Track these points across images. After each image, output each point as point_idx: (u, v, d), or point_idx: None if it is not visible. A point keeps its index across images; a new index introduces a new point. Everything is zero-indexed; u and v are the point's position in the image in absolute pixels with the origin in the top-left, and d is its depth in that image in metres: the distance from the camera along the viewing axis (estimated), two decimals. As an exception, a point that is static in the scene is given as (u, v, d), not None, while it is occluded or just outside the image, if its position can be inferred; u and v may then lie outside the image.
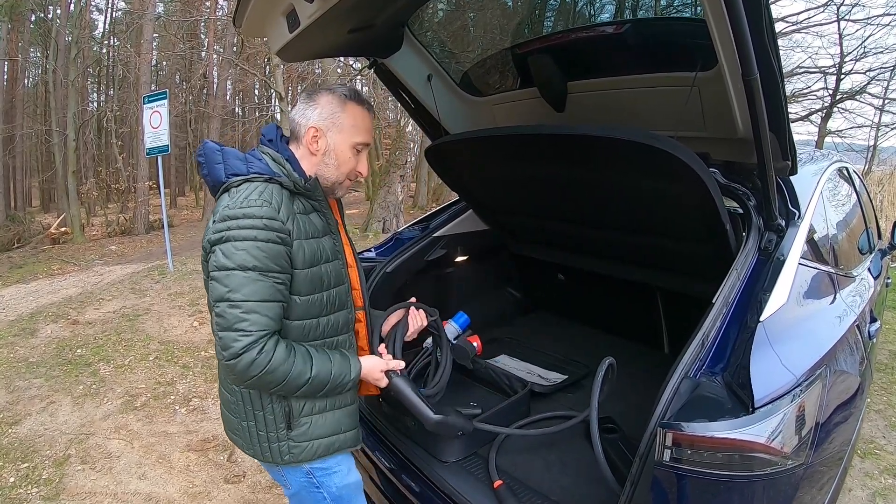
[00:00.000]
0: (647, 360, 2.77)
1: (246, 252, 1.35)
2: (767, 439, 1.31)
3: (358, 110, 1.58)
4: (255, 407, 1.57)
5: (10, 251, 15.33)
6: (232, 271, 1.35)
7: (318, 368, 1.47)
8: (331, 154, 1.57)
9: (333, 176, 1.59)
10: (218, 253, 1.37)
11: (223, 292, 1.35)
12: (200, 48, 22.87)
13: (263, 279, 1.37)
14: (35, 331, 6.00)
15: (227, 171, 1.49)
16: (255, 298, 1.36)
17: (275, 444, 1.58)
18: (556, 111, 2.27)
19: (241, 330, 1.34)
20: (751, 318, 1.51)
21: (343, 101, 1.56)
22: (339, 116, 1.55)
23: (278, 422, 1.56)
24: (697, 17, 1.72)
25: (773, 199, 1.65)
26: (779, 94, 1.44)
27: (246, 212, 1.37)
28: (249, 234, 1.36)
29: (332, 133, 1.56)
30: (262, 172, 1.47)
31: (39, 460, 3.47)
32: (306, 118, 1.56)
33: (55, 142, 19.29)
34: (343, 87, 1.60)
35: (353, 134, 1.57)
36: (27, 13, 21.27)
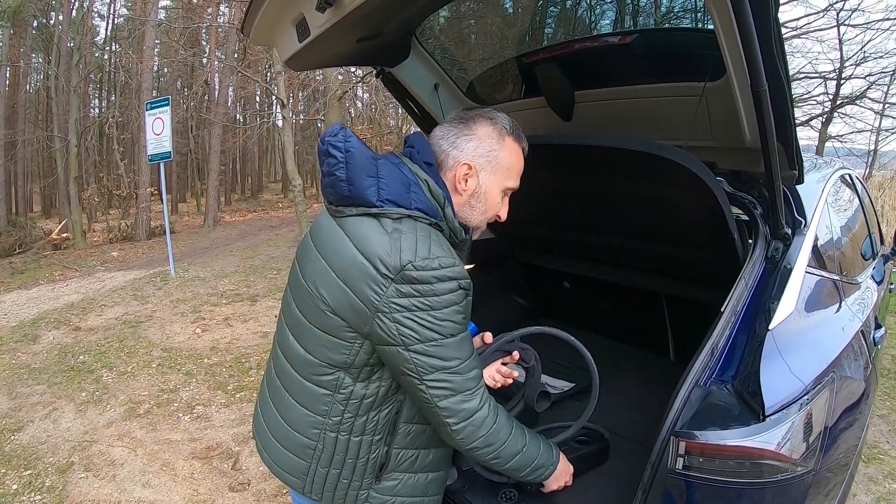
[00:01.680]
0: (653, 367, 2.77)
1: (450, 321, 1.19)
2: (778, 446, 1.33)
3: (515, 149, 1.39)
4: (350, 455, 1.36)
5: (11, 256, 15.32)
6: (441, 341, 1.19)
7: (531, 444, 1.37)
8: (480, 197, 1.37)
9: (477, 220, 1.40)
10: (413, 324, 1.17)
11: (437, 363, 1.20)
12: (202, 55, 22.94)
13: (466, 333, 1.25)
14: (37, 337, 6.01)
15: (382, 194, 1.22)
16: (469, 356, 1.24)
17: (354, 492, 1.39)
18: (563, 120, 2.27)
19: (467, 390, 1.23)
20: (759, 326, 1.52)
21: (502, 135, 1.36)
22: (496, 154, 1.35)
23: (369, 471, 1.38)
24: (706, 27, 1.74)
25: (780, 207, 1.66)
26: (786, 104, 1.45)
27: (440, 274, 1.17)
28: (449, 300, 1.18)
29: (486, 173, 1.35)
30: (427, 212, 1.24)
31: (42, 467, 3.48)
32: (459, 149, 1.34)
33: (57, 147, 19.31)
34: (503, 118, 1.39)
35: (506, 177, 1.38)
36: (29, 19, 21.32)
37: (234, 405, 4.29)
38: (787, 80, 1.41)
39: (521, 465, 1.36)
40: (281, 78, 12.74)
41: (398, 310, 1.16)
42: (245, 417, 4.06)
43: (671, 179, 1.72)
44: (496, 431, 1.28)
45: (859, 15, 13.30)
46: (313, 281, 1.29)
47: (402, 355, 1.19)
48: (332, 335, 1.27)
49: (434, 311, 1.17)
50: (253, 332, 5.97)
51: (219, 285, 8.22)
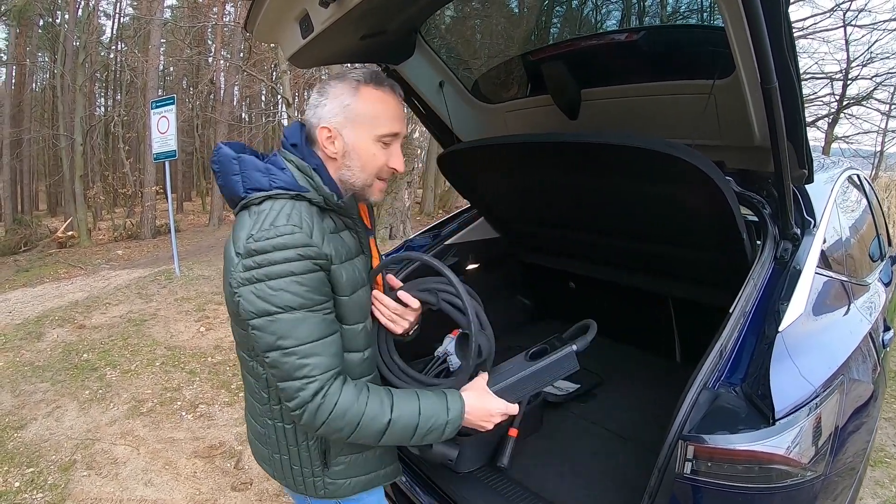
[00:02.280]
0: (659, 370, 2.76)
1: (285, 291, 1.16)
2: (787, 451, 1.31)
3: (376, 95, 1.31)
4: (290, 442, 1.41)
5: (16, 254, 15.41)
6: (275, 316, 1.17)
7: (401, 411, 1.26)
8: (351, 155, 1.32)
9: (360, 180, 1.34)
10: (251, 297, 1.17)
11: (272, 341, 1.18)
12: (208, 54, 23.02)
13: (313, 315, 1.20)
14: (41, 335, 6.01)
15: (245, 185, 1.27)
16: (311, 339, 1.19)
17: (310, 479, 1.43)
18: (569, 119, 2.26)
19: (304, 377, 1.18)
20: (769, 328, 1.50)
21: (355, 87, 1.30)
22: (352, 108, 1.30)
23: (314, 460, 1.41)
24: (714, 24, 1.72)
25: (789, 207, 1.64)
26: (797, 102, 1.43)
27: (275, 243, 1.16)
28: (284, 269, 1.16)
29: (349, 129, 1.30)
30: (288, 187, 1.25)
31: (45, 465, 3.47)
32: (317, 117, 1.32)
33: (62, 146, 19.41)
34: (356, 71, 1.33)
35: (374, 126, 1.31)
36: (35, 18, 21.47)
37: (238, 404, 4.28)
38: (798, 78, 1.39)
39: (399, 437, 1.27)
40: (286, 77, 12.77)
41: (242, 283, 1.18)
42: (248, 417, 4.03)
43: (680, 179, 1.70)
44: (340, 417, 1.21)
45: (866, 15, 13.32)
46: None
47: (248, 330, 1.21)
48: (238, 326, 1.33)
49: (269, 282, 1.16)
50: (257, 332, 5.94)
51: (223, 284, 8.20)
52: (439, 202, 18.75)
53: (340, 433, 1.23)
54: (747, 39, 1.30)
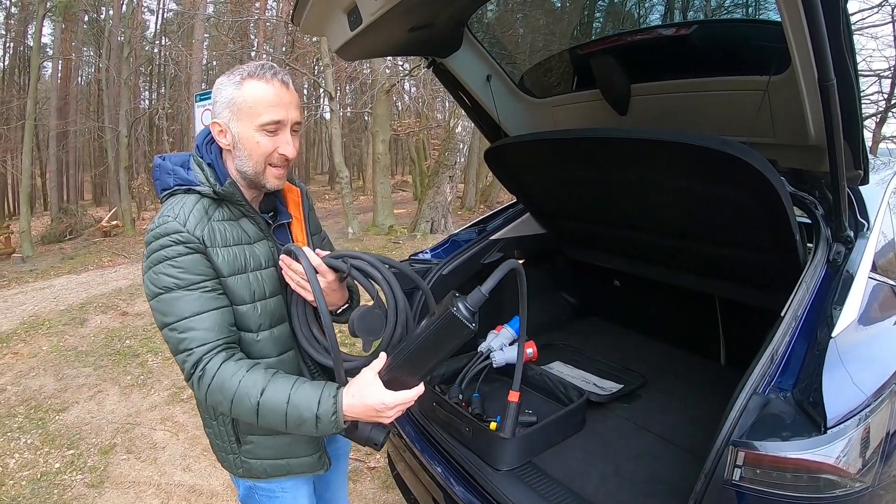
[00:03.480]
0: (704, 372, 2.69)
1: (163, 275, 1.28)
2: (836, 460, 1.27)
3: (256, 87, 1.33)
4: (210, 416, 1.53)
5: (62, 242, 15.88)
6: (159, 297, 1.29)
7: (270, 395, 1.25)
8: (239, 146, 1.37)
9: (250, 168, 1.38)
10: (147, 282, 1.31)
11: (161, 319, 1.30)
12: (251, 48, 23.30)
13: (189, 293, 1.29)
14: (85, 321, 6.18)
15: (158, 186, 1.42)
16: (187, 314, 1.28)
17: (229, 455, 1.53)
18: (618, 114, 2.22)
19: (185, 350, 1.27)
20: (821, 333, 1.46)
21: (239, 81, 1.34)
22: (235, 101, 1.33)
23: (229, 435, 1.51)
24: (770, 18, 1.67)
25: (843, 209, 1.59)
26: (854, 100, 1.39)
27: (155, 233, 1.30)
28: (161, 255, 1.28)
29: (234, 122, 1.35)
30: (183, 183, 1.37)
31: (85, 448, 3.57)
32: (213, 114, 1.40)
33: (108, 138, 19.93)
34: (245, 67, 1.37)
35: (253, 114, 1.33)
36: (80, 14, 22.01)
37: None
38: (856, 75, 1.35)
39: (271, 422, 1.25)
40: (329, 71, 12.85)
41: (144, 271, 1.32)
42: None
43: (734, 177, 1.66)
44: (217, 391, 1.26)
45: (917, 10, 12.73)
46: None
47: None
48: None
49: (154, 266, 1.29)
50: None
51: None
52: (481, 196, 18.67)
53: (220, 406, 1.31)
54: (805, 34, 1.26)
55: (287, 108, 1.37)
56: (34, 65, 16.13)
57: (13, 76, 26.84)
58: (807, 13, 1.19)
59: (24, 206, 15.12)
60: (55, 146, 21.32)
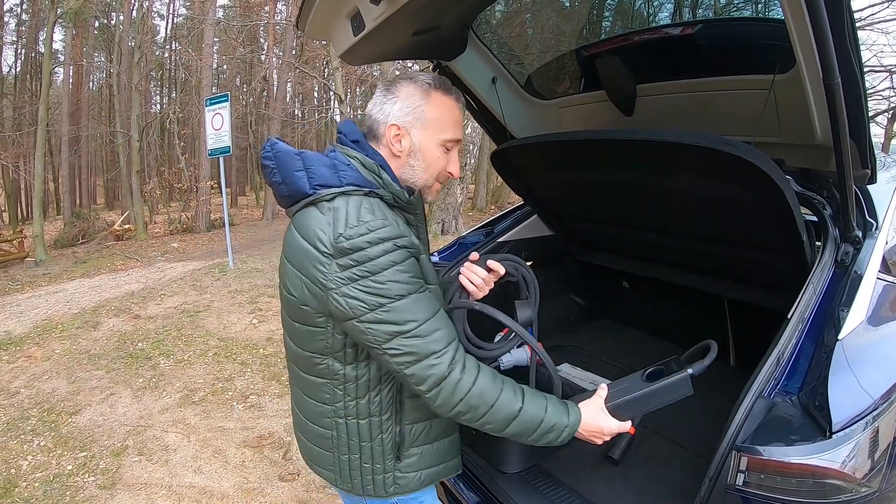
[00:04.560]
0: (712, 373, 2.67)
1: (392, 282, 1.17)
2: (843, 465, 1.25)
3: (445, 101, 1.35)
4: (363, 438, 1.38)
5: (75, 246, 16.04)
6: (389, 306, 1.17)
7: (529, 403, 1.27)
8: (416, 155, 1.35)
9: (421, 180, 1.38)
10: (358, 294, 1.17)
11: (391, 330, 1.18)
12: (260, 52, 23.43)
13: (422, 294, 1.22)
14: (98, 324, 6.23)
15: (312, 182, 1.25)
16: (429, 315, 1.21)
17: (380, 476, 1.41)
18: (624, 115, 2.21)
19: (435, 353, 1.19)
20: (828, 335, 1.44)
21: (426, 91, 1.34)
22: (422, 110, 1.33)
23: (387, 453, 1.40)
24: (774, 17, 1.65)
25: (851, 209, 1.57)
26: (860, 98, 1.37)
27: (370, 238, 1.16)
28: (386, 261, 1.17)
29: (417, 130, 1.33)
30: (358, 184, 1.25)
31: (97, 450, 3.59)
32: (385, 114, 1.34)
33: (119, 142, 20.14)
34: (426, 75, 1.38)
35: (439, 129, 1.35)
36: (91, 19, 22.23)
37: (288, 395, 4.28)
38: (861, 73, 1.33)
39: (522, 429, 1.28)
40: (338, 73, 12.90)
41: (342, 283, 1.17)
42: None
43: (739, 177, 1.64)
44: (478, 395, 1.22)
45: (928, 4, 12.56)
46: (283, 282, 1.34)
47: (357, 328, 1.20)
48: (308, 325, 1.30)
49: (374, 276, 1.16)
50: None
51: (276, 277, 8.28)
52: (491, 198, 18.69)
53: (474, 412, 1.24)
54: (809, 33, 1.24)
55: (462, 128, 1.41)
56: (46, 71, 16.30)
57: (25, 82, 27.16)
58: (810, 12, 1.18)
59: (37, 210, 15.29)
60: (67, 151, 21.52)
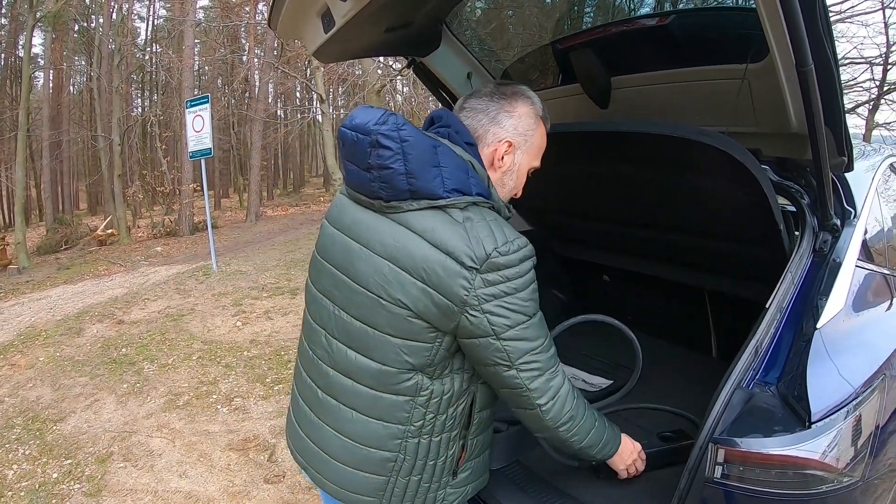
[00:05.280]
0: (695, 365, 2.68)
1: (532, 300, 1.20)
2: (823, 455, 1.24)
3: (544, 132, 1.41)
4: (431, 456, 1.32)
5: (57, 253, 15.89)
6: (528, 322, 1.19)
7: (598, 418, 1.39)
8: (512, 175, 1.37)
9: (506, 196, 1.38)
10: (504, 311, 1.15)
11: (527, 346, 1.19)
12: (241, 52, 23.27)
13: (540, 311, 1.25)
14: (81, 330, 6.17)
15: (447, 184, 1.16)
16: (548, 331, 1.26)
17: (432, 493, 1.36)
18: (600, 107, 2.20)
19: (552, 367, 1.25)
20: (807, 324, 1.43)
21: (539, 118, 1.38)
22: (532, 134, 1.36)
23: (447, 470, 1.36)
24: (746, 5, 1.65)
25: (828, 197, 1.57)
26: (834, 85, 1.36)
27: (521, 255, 1.16)
28: (530, 278, 1.19)
29: (521, 151, 1.35)
30: (484, 195, 1.22)
31: (82, 457, 3.56)
32: (500, 126, 1.32)
33: (101, 146, 19.98)
34: (538, 99, 1.40)
35: (535, 157, 1.40)
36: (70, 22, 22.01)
37: (273, 397, 4.33)
38: (835, 60, 1.32)
39: (594, 440, 1.37)
40: (319, 73, 12.84)
41: (486, 299, 1.14)
42: (283, 410, 4.09)
43: (714, 168, 1.63)
44: (577, 406, 1.30)
45: (907, -4, 12.67)
46: (377, 285, 1.21)
47: (493, 345, 1.18)
48: (412, 339, 1.22)
49: (520, 293, 1.17)
50: (293, 325, 6.01)
51: (260, 279, 8.32)
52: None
53: (572, 422, 1.30)
54: (781, 20, 1.23)
55: None
56: (25, 75, 16.15)
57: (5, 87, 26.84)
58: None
59: (18, 217, 15.13)
60: (49, 156, 21.32)
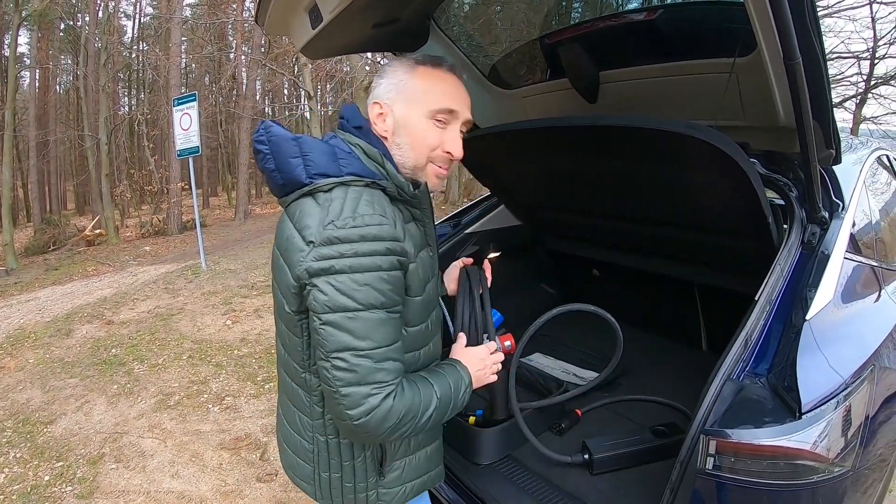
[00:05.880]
0: (685, 358, 2.70)
1: (371, 288, 1.07)
2: (814, 445, 1.26)
3: (431, 72, 1.25)
4: (345, 457, 1.30)
5: (45, 253, 15.73)
6: (356, 313, 1.07)
7: (440, 388, 1.22)
8: (401, 131, 1.23)
9: (410, 160, 1.24)
10: (329, 288, 1.07)
11: (347, 340, 1.07)
12: (228, 50, 23.13)
13: (392, 317, 1.12)
14: (70, 331, 6.12)
15: (310, 170, 1.16)
16: (387, 343, 1.10)
17: (362, 493, 1.33)
18: (588, 102, 2.20)
19: (376, 382, 1.09)
20: (796, 316, 1.45)
21: (412, 65, 1.25)
22: (406, 83, 1.23)
23: (369, 471, 1.32)
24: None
25: (816, 189, 1.58)
26: (822, 79, 1.37)
27: (364, 232, 1.07)
28: (372, 262, 1.07)
29: (400, 104, 1.23)
30: (360, 174, 1.16)
31: (74, 459, 3.52)
32: (372, 95, 1.26)
33: (88, 146, 19.80)
34: (414, 54, 1.30)
35: (426, 101, 1.23)
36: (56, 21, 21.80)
37: (263, 396, 4.31)
38: (823, 53, 1.33)
39: (440, 414, 1.23)
40: (307, 70, 12.77)
41: (315, 273, 1.08)
42: (273, 408, 4.07)
43: (702, 161, 1.65)
44: (405, 414, 1.13)
45: (892, -9, 12.76)
46: (274, 278, 1.25)
47: (314, 326, 1.11)
48: (290, 331, 1.24)
49: (353, 274, 1.07)
50: (282, 324, 5.97)
51: (249, 277, 8.28)
52: (464, 191, 18.68)
53: (401, 431, 1.15)
54: (768, 13, 1.24)
55: (462, 103, 1.29)
56: (11, 75, 15.94)
57: (-10, 87, 26.59)
58: (769, -8, 1.18)
59: (5, 218, 14.95)
60: (36, 156, 21.15)
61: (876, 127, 14.54)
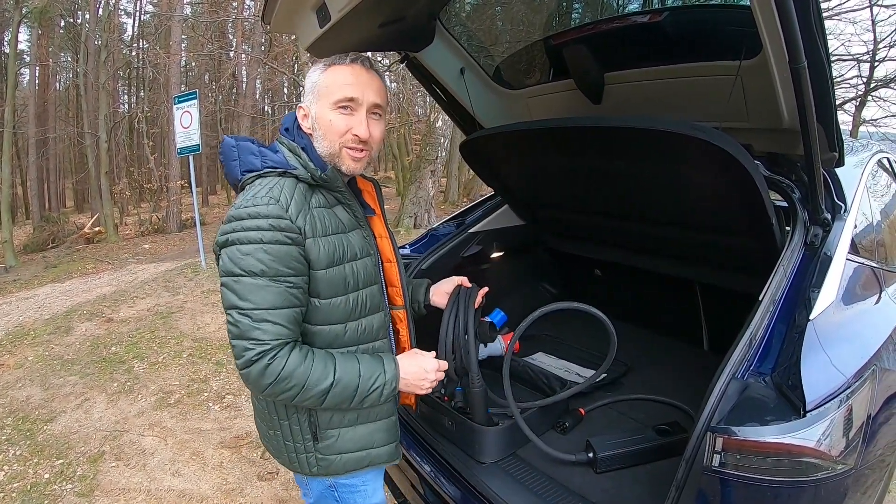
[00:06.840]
0: (686, 358, 2.71)
1: (251, 256, 1.26)
2: (818, 443, 1.27)
3: (338, 70, 1.42)
4: (280, 416, 1.49)
5: (45, 251, 15.72)
6: (240, 277, 1.27)
7: (342, 372, 1.34)
8: (316, 126, 1.43)
9: (326, 148, 1.42)
10: (224, 257, 1.29)
11: (233, 300, 1.28)
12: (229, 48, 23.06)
13: (274, 285, 1.27)
14: (70, 329, 6.10)
15: (241, 168, 1.40)
16: (266, 306, 1.27)
17: (302, 454, 1.50)
18: (592, 103, 2.21)
19: (253, 339, 1.26)
20: (799, 316, 1.46)
21: (323, 68, 1.43)
22: (317, 84, 1.42)
23: (304, 433, 1.48)
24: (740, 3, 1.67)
25: (819, 191, 1.59)
26: (826, 82, 1.38)
27: (250, 211, 1.28)
28: (254, 236, 1.26)
29: (315, 105, 1.42)
30: (277, 166, 1.38)
31: (74, 457, 3.52)
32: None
33: (87, 143, 19.74)
34: (334, 56, 1.45)
35: (328, 94, 1.40)
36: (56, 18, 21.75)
37: (263, 395, 4.31)
38: (827, 57, 1.35)
39: (338, 400, 1.36)
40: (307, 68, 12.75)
41: (221, 245, 1.31)
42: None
43: (707, 162, 1.66)
44: (285, 380, 1.29)
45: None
46: None
47: (221, 290, 1.32)
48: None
49: (241, 246, 1.27)
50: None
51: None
52: (463, 190, 18.70)
53: (285, 395, 1.31)
54: (774, 17, 1.25)
55: (364, 89, 1.42)
56: (11, 72, 15.96)
57: (-10, 84, 26.53)
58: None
59: (5, 215, 14.95)
60: (35, 154, 21.08)
61: (875, 129, 14.56)
